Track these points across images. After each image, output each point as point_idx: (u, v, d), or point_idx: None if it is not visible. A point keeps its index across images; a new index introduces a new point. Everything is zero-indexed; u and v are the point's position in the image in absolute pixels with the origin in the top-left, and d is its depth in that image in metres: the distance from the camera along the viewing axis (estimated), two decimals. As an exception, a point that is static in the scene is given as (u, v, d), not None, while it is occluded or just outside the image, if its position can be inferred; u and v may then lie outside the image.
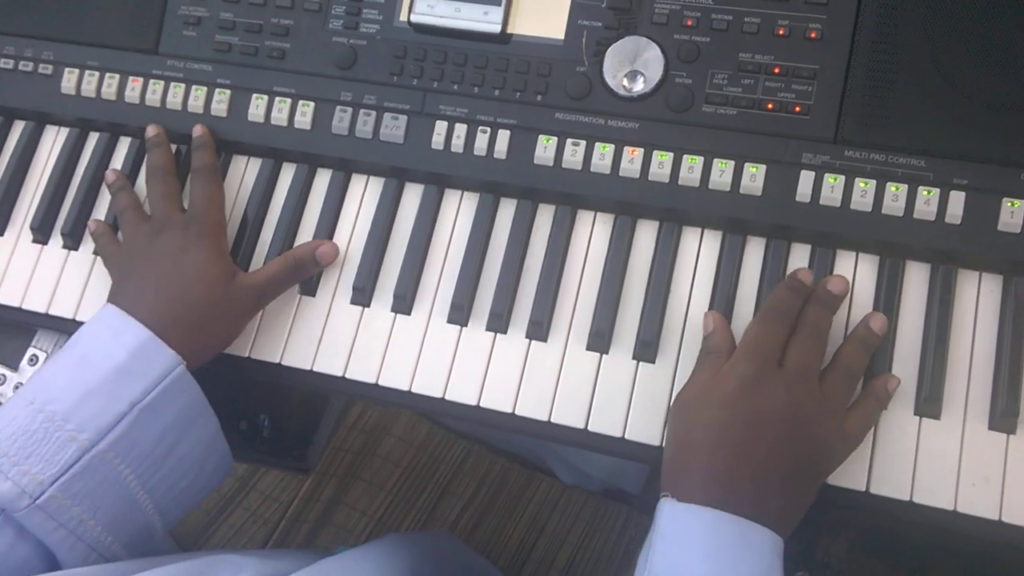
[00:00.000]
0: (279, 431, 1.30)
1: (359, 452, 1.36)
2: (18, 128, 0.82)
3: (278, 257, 0.71)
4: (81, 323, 0.74)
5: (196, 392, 0.65)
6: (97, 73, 0.78)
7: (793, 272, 0.65)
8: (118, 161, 0.79)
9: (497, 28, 0.71)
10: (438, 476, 1.34)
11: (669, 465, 0.61)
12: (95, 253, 0.77)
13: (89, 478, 0.60)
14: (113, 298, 0.68)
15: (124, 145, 0.79)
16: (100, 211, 0.78)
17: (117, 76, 0.78)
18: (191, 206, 0.72)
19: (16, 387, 0.78)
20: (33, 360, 0.79)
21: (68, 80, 0.78)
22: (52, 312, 0.76)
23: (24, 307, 0.76)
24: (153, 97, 0.76)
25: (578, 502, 1.26)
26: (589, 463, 1.21)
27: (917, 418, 0.62)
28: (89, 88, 0.78)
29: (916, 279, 0.65)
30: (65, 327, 0.76)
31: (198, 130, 0.76)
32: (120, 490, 0.61)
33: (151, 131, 0.76)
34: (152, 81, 0.77)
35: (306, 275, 0.72)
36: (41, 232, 0.78)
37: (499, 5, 0.71)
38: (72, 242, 0.77)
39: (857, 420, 0.61)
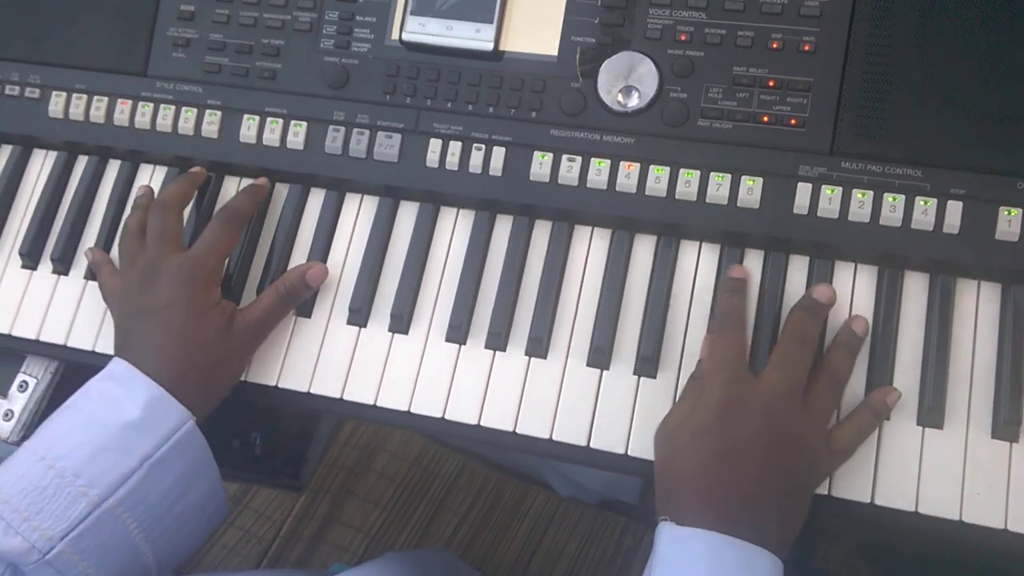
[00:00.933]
0: (271, 449, 1.29)
1: (353, 468, 1.35)
2: (5, 152, 0.81)
3: (269, 288, 0.70)
4: (73, 349, 0.74)
5: (203, 446, 0.65)
6: (85, 96, 0.77)
7: (729, 276, 0.65)
8: (107, 184, 0.78)
9: (489, 46, 0.70)
10: (433, 491, 1.33)
11: (662, 490, 0.60)
12: (85, 278, 0.76)
13: (98, 533, 0.60)
14: (120, 351, 0.67)
15: (113, 168, 0.79)
16: (90, 235, 0.77)
17: (105, 99, 0.77)
18: (195, 246, 0.70)
19: (6, 414, 0.77)
20: (23, 387, 0.78)
21: (55, 103, 0.77)
22: (43, 338, 0.75)
23: (14, 334, 0.75)
24: (142, 119, 0.76)
25: (575, 514, 1.25)
26: (585, 475, 1.21)
27: (920, 428, 0.62)
28: (77, 111, 0.77)
29: (915, 289, 0.65)
30: (56, 353, 0.75)
31: (260, 180, 0.74)
32: (126, 544, 0.61)
33: (195, 169, 0.75)
34: (141, 103, 0.76)
35: (299, 300, 0.71)
36: (30, 258, 0.77)
37: (491, 23, 0.70)
38: (62, 267, 0.76)
39: (848, 433, 0.61)
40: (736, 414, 0.58)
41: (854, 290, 0.66)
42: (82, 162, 0.79)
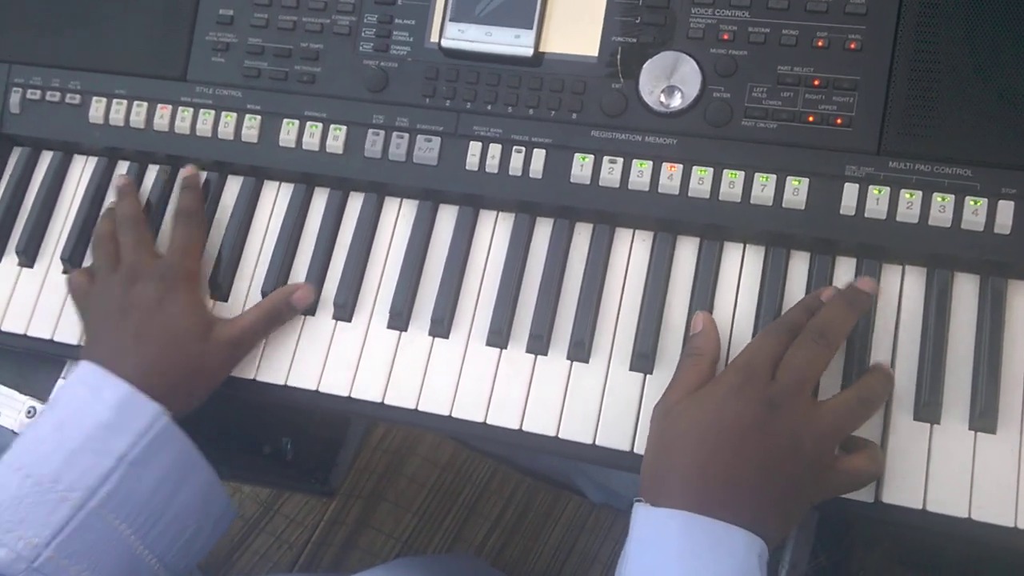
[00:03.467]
0: (302, 454, 1.29)
1: (384, 473, 1.35)
2: (46, 158, 0.81)
3: (254, 306, 0.71)
4: None
5: (184, 442, 0.65)
6: (125, 101, 0.78)
7: (815, 292, 0.64)
8: (147, 188, 0.78)
9: (529, 51, 0.70)
10: (464, 496, 1.33)
11: (647, 471, 0.60)
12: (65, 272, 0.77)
13: (85, 536, 0.60)
14: (88, 354, 0.68)
15: (153, 173, 0.79)
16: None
17: (145, 104, 0.77)
18: (168, 252, 0.72)
19: (29, 411, 0.78)
20: (63, 392, 0.78)
21: (96, 109, 0.78)
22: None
23: (56, 339, 0.76)
24: (182, 124, 0.76)
25: (607, 520, 1.24)
26: (617, 481, 1.20)
27: (972, 433, 0.61)
28: (117, 117, 0.77)
29: (966, 291, 0.64)
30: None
31: (187, 171, 0.76)
32: (119, 546, 0.61)
33: (121, 180, 0.77)
34: (181, 108, 0.76)
35: (282, 321, 0.72)
36: (72, 263, 0.77)
37: (530, 28, 0.70)
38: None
39: (864, 459, 0.59)
40: (743, 398, 0.58)
41: (902, 292, 0.65)
42: (122, 167, 0.80)
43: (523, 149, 0.70)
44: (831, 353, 0.59)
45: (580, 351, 0.67)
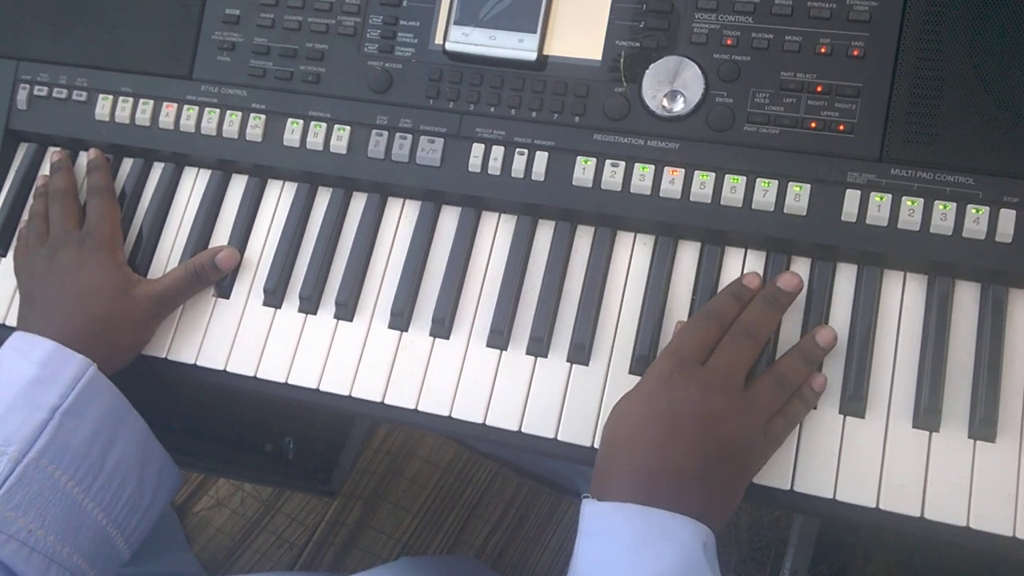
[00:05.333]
0: (304, 454, 1.29)
1: (385, 474, 1.36)
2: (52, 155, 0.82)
3: (178, 266, 0.74)
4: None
5: (114, 393, 0.68)
6: (131, 99, 0.78)
7: (739, 277, 0.66)
8: (151, 186, 0.79)
9: (533, 56, 0.70)
10: (465, 499, 1.33)
11: (597, 469, 0.61)
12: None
13: (27, 488, 0.62)
14: (22, 321, 0.72)
15: (157, 170, 0.79)
16: (132, 235, 0.78)
17: (151, 102, 0.78)
18: (86, 223, 0.75)
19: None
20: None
21: (102, 106, 0.78)
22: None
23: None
24: (187, 122, 0.76)
25: (607, 524, 1.24)
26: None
27: (972, 441, 0.61)
28: (123, 114, 0.78)
29: (966, 299, 0.64)
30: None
31: (91, 153, 0.79)
32: (63, 497, 0.63)
33: (55, 156, 0.80)
34: (187, 106, 0.77)
35: (209, 281, 0.74)
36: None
37: (534, 32, 0.70)
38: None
39: (780, 421, 0.61)
40: (675, 386, 0.60)
41: (903, 299, 0.65)
42: (127, 164, 0.80)
43: (525, 151, 0.70)
44: (759, 348, 0.62)
45: (580, 354, 0.67)
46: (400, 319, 0.70)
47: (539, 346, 0.68)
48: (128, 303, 0.71)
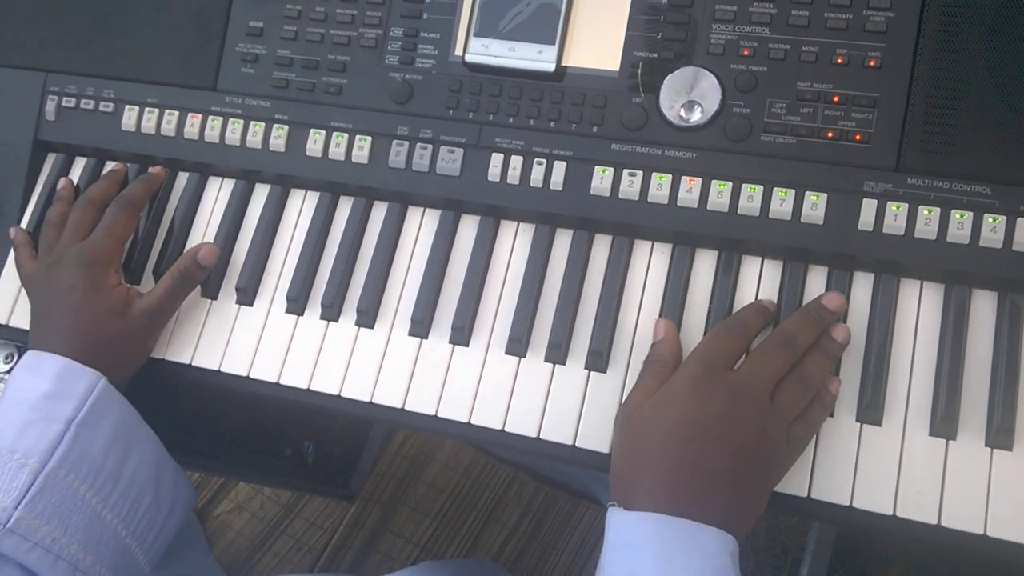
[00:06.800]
0: (323, 458, 1.30)
1: (403, 478, 1.36)
2: (79, 165, 0.83)
3: (165, 275, 0.74)
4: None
5: (125, 405, 0.70)
6: (157, 110, 0.79)
7: (763, 300, 0.66)
8: (176, 195, 0.80)
9: (551, 67, 0.71)
10: (482, 503, 1.33)
11: (617, 476, 0.61)
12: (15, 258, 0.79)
13: (49, 496, 0.64)
14: (31, 341, 0.73)
15: (182, 180, 0.81)
16: (157, 245, 0.79)
17: (176, 113, 0.79)
18: (91, 235, 0.75)
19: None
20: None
21: (128, 117, 0.80)
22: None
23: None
24: (212, 133, 0.78)
25: (624, 530, 1.24)
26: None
27: (989, 449, 0.61)
28: (149, 125, 0.79)
29: (983, 308, 0.64)
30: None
31: (154, 169, 0.80)
32: (83, 507, 0.65)
33: (115, 166, 0.81)
34: (211, 117, 0.78)
35: (197, 281, 0.75)
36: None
37: (553, 44, 0.71)
38: (134, 277, 0.78)
39: (802, 425, 0.61)
40: (705, 392, 0.59)
41: (920, 308, 0.65)
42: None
43: (544, 161, 0.71)
44: (792, 360, 0.62)
45: (598, 361, 0.68)
46: (420, 326, 0.71)
47: (557, 353, 0.69)
48: (125, 322, 0.72)
